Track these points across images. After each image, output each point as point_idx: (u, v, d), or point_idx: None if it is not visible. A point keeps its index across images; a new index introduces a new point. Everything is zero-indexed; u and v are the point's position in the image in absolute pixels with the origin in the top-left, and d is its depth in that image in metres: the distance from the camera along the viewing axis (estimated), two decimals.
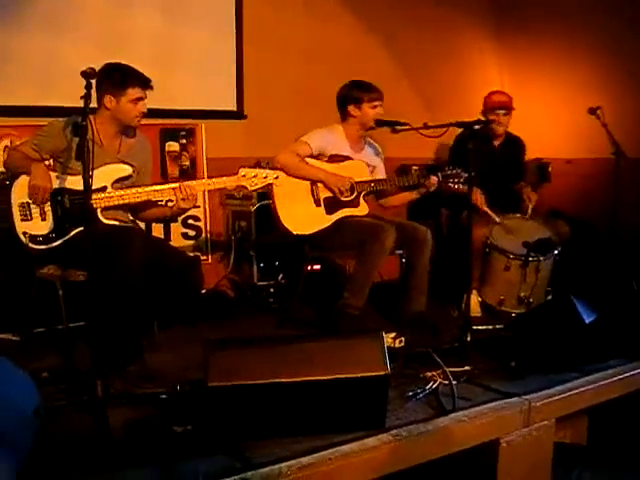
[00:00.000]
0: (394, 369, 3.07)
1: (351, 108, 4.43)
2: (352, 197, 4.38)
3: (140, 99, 3.70)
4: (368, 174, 4.51)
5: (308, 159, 4.34)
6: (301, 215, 4.32)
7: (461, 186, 4.36)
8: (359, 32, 6.17)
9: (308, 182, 4.35)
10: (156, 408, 2.99)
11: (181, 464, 2.51)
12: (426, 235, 4.31)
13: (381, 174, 4.63)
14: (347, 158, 4.46)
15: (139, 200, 3.72)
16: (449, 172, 4.41)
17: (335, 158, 4.43)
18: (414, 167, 5.93)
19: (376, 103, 4.41)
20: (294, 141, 4.38)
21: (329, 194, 4.36)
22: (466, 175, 4.25)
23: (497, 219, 4.73)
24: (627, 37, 5.91)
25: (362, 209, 4.42)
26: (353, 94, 4.43)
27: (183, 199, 3.68)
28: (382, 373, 2.72)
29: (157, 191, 3.71)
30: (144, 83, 3.70)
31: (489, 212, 4.73)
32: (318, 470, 2.56)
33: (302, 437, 2.68)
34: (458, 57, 6.81)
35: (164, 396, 3.05)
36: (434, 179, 4.40)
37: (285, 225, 4.29)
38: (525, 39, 6.73)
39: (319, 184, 4.35)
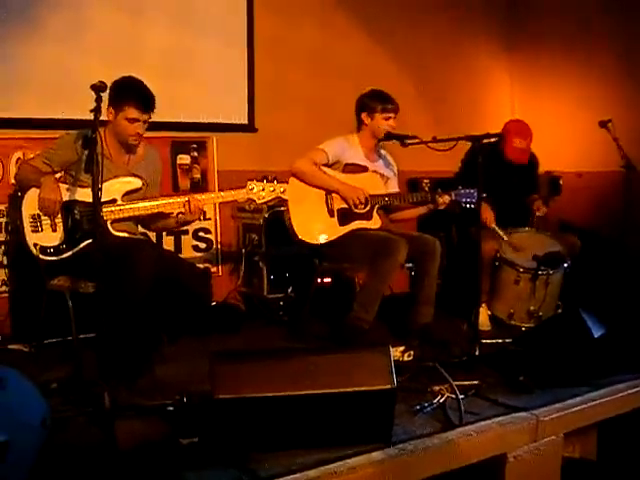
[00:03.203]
0: (402, 383, 3.08)
1: (364, 116, 4.43)
2: (366, 210, 4.37)
3: (136, 120, 3.64)
4: (382, 187, 4.50)
5: (324, 168, 4.34)
6: (314, 224, 4.31)
7: (473, 206, 4.33)
8: (371, 46, 6.20)
9: (323, 192, 4.34)
10: (163, 420, 3.00)
11: (187, 476, 2.51)
12: (435, 246, 4.28)
13: (394, 187, 4.62)
14: (363, 168, 4.46)
15: (149, 213, 3.75)
16: (462, 192, 4.38)
17: (350, 168, 4.43)
18: (425, 180, 5.93)
19: (390, 115, 4.40)
20: (310, 150, 4.37)
21: (343, 205, 4.35)
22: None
23: (505, 237, 4.72)
24: (639, 50, 5.90)
25: (375, 222, 4.41)
26: (368, 102, 4.43)
27: (191, 212, 3.71)
28: (388, 387, 2.71)
29: (169, 204, 3.74)
30: (143, 105, 3.63)
31: (496, 229, 4.73)
32: None
33: (308, 450, 2.68)
34: (469, 71, 6.81)
35: (171, 408, 3.05)
36: (446, 197, 4.38)
37: (298, 234, 4.27)
38: (536, 52, 6.74)
39: (334, 194, 4.34)
